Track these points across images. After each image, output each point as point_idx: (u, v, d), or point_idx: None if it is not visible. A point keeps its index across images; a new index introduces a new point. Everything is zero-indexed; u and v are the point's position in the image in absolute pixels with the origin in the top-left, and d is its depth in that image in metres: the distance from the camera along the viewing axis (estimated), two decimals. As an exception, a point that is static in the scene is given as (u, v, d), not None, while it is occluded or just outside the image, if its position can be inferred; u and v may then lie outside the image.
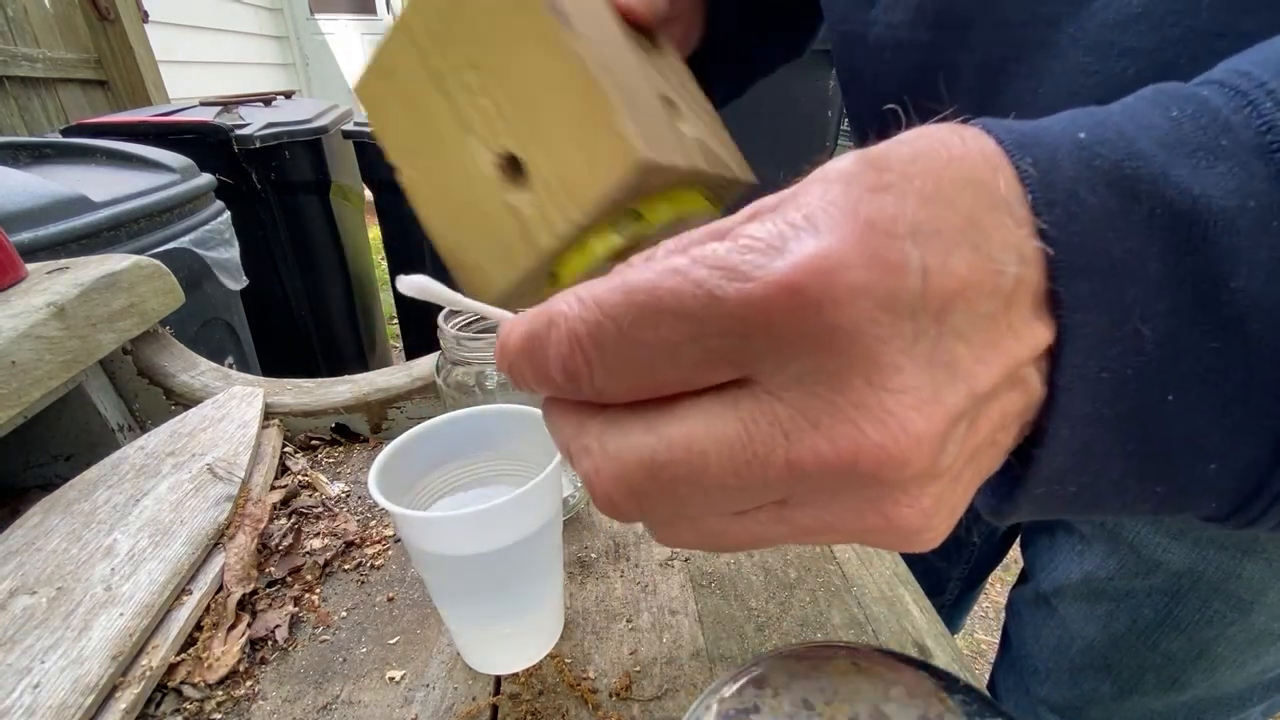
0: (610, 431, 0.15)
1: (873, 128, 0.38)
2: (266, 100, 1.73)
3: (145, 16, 2.32)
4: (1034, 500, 0.16)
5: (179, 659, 0.34)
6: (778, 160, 1.81)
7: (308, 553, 0.42)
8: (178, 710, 0.32)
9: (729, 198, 0.26)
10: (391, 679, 0.34)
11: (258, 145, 1.40)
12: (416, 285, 0.26)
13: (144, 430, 0.53)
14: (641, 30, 0.28)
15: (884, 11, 0.33)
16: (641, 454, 0.14)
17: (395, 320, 2.19)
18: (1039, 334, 0.14)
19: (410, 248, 1.61)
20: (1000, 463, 0.16)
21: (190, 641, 0.35)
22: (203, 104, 1.60)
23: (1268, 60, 0.15)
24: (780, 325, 0.13)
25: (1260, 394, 0.14)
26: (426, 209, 0.26)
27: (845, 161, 0.14)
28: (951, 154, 0.14)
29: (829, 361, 0.13)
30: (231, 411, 0.50)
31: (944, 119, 0.15)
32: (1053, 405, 0.15)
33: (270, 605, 0.38)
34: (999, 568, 0.67)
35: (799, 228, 0.13)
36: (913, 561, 0.42)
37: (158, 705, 0.33)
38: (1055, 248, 0.14)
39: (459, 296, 0.24)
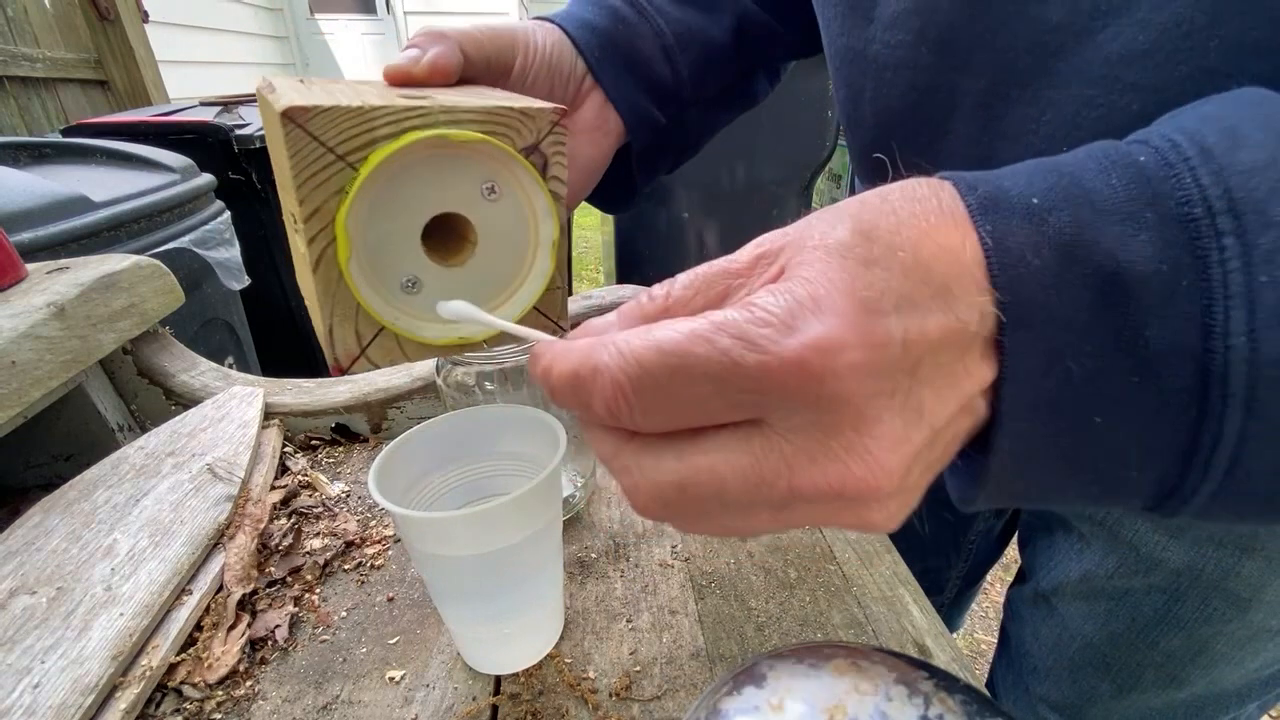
0: (646, 455, 0.19)
1: (867, 145, 0.37)
2: (266, 100, 1.72)
3: (145, 16, 2.32)
4: (989, 495, 0.20)
5: (179, 659, 0.34)
6: (779, 160, 1.81)
7: (308, 553, 0.42)
8: (178, 710, 0.32)
9: (523, 132, 0.28)
10: (391, 679, 0.34)
11: (258, 145, 1.39)
12: (456, 311, 0.28)
13: (144, 430, 0.53)
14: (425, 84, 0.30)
15: (883, 30, 0.33)
16: (672, 477, 0.18)
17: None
18: (986, 372, 0.18)
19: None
20: (946, 463, 0.20)
21: (190, 641, 0.35)
22: (203, 104, 1.60)
23: (1197, 131, 0.17)
24: (790, 389, 0.16)
25: (1169, 422, 0.17)
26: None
27: (841, 232, 0.17)
28: (929, 223, 0.17)
29: (826, 417, 0.16)
30: (231, 411, 0.50)
31: (922, 171, 0.19)
32: (997, 425, 0.18)
33: (270, 605, 0.38)
34: (999, 568, 0.67)
35: (806, 308, 0.16)
36: (911, 561, 0.42)
37: (158, 705, 0.33)
38: (1004, 305, 0.17)
39: (498, 320, 0.26)
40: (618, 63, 0.38)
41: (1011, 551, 0.60)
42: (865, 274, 0.16)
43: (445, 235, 0.29)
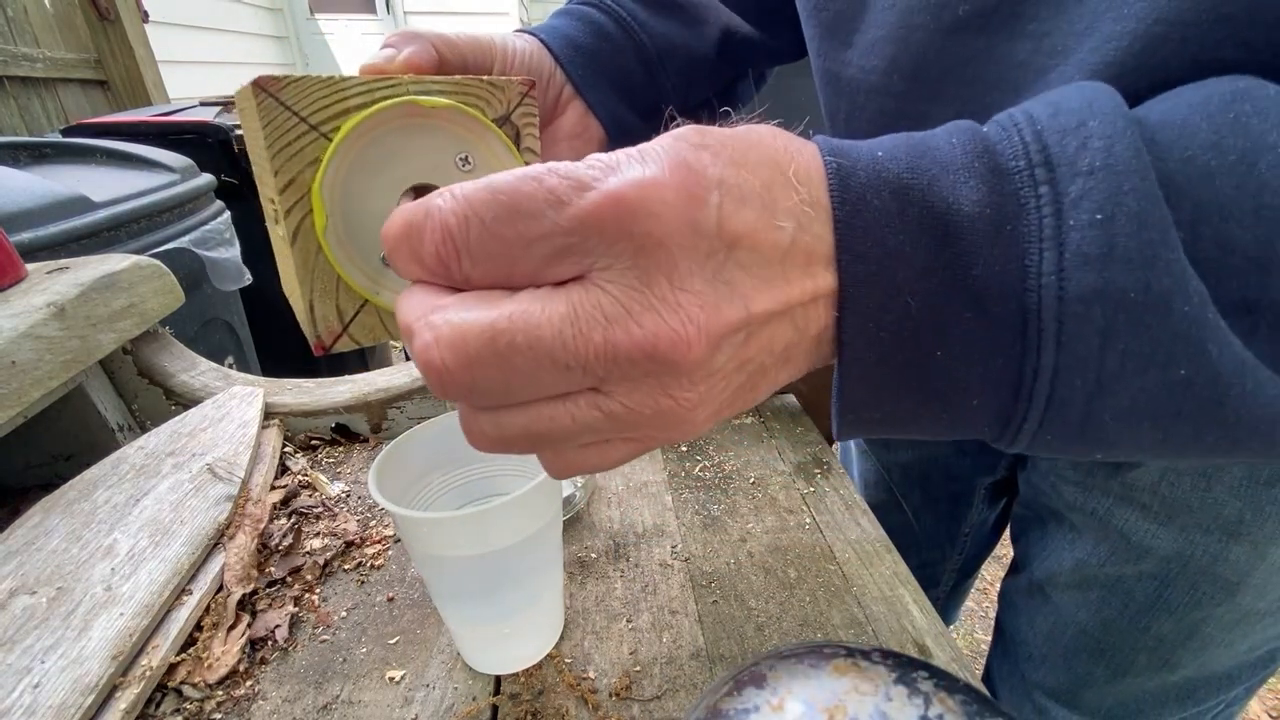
0: (458, 307, 0.17)
1: None
2: (266, 100, 1.72)
3: (145, 16, 2.32)
4: (851, 424, 0.22)
5: (179, 659, 0.34)
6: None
7: (308, 553, 0.42)
8: (178, 710, 0.32)
9: (493, 103, 0.29)
10: (391, 679, 0.34)
11: (258, 145, 1.39)
12: None
13: (144, 430, 0.53)
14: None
15: (858, 56, 0.34)
16: (482, 323, 0.17)
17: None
18: (809, 287, 0.19)
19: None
20: (763, 389, 0.21)
21: (190, 641, 0.35)
22: (203, 104, 1.60)
23: (1029, 106, 0.20)
24: (608, 227, 0.16)
25: (1001, 355, 0.19)
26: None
27: (682, 128, 0.19)
28: (761, 140, 0.19)
29: (642, 260, 0.17)
30: (231, 411, 0.50)
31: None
32: (842, 352, 0.20)
33: (270, 605, 0.38)
34: (996, 566, 0.68)
35: (633, 159, 0.17)
36: (907, 555, 0.43)
37: (158, 705, 0.33)
38: (840, 236, 0.19)
39: None
40: (601, 78, 0.39)
41: (1005, 550, 0.60)
42: (694, 151, 0.18)
43: None
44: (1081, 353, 0.18)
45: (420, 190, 0.28)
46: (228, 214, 1.20)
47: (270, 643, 0.36)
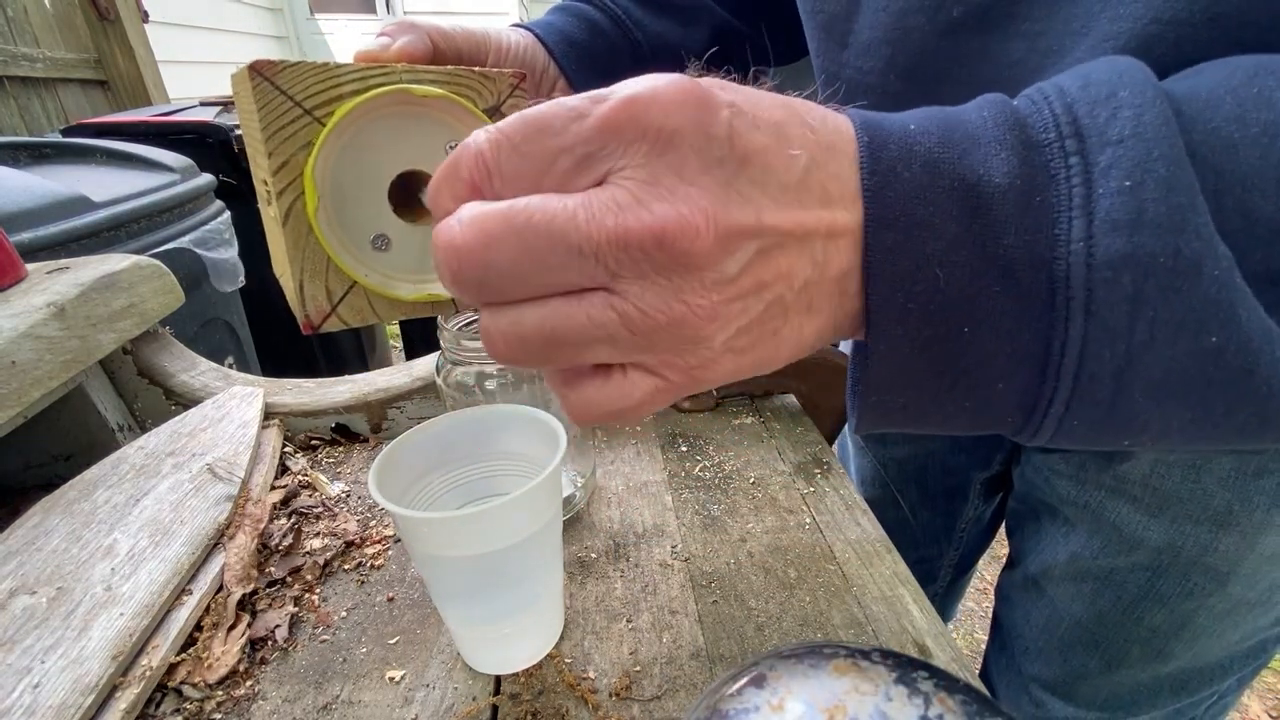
0: (481, 204, 0.18)
1: None
2: (266, 100, 1.72)
3: (145, 16, 2.32)
4: (873, 409, 0.21)
5: (179, 659, 0.34)
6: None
7: (308, 553, 0.42)
8: (178, 710, 0.32)
9: (484, 94, 0.29)
10: (391, 679, 0.34)
11: (258, 145, 1.39)
12: None
13: (144, 430, 0.53)
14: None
15: (856, 57, 0.34)
16: (501, 207, 0.18)
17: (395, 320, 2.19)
18: (826, 219, 0.19)
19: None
20: (787, 340, 0.20)
21: (190, 641, 0.35)
22: (203, 104, 1.60)
23: (1060, 80, 0.20)
24: (624, 127, 0.17)
25: (1029, 330, 0.19)
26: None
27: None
28: (778, 95, 0.19)
29: (655, 159, 0.17)
30: (231, 411, 0.50)
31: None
32: (871, 325, 0.19)
33: (270, 605, 0.38)
34: (996, 566, 0.69)
35: (647, 76, 0.18)
36: (905, 552, 0.43)
37: (158, 705, 0.33)
38: (868, 204, 0.19)
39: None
40: (594, 73, 0.39)
41: (1004, 548, 0.61)
42: (707, 82, 0.18)
43: (413, 195, 0.29)
44: (1110, 321, 0.18)
45: (410, 176, 0.29)
46: (228, 214, 1.20)
47: (270, 643, 0.36)
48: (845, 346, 0.59)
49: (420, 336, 1.81)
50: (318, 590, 0.40)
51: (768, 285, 0.19)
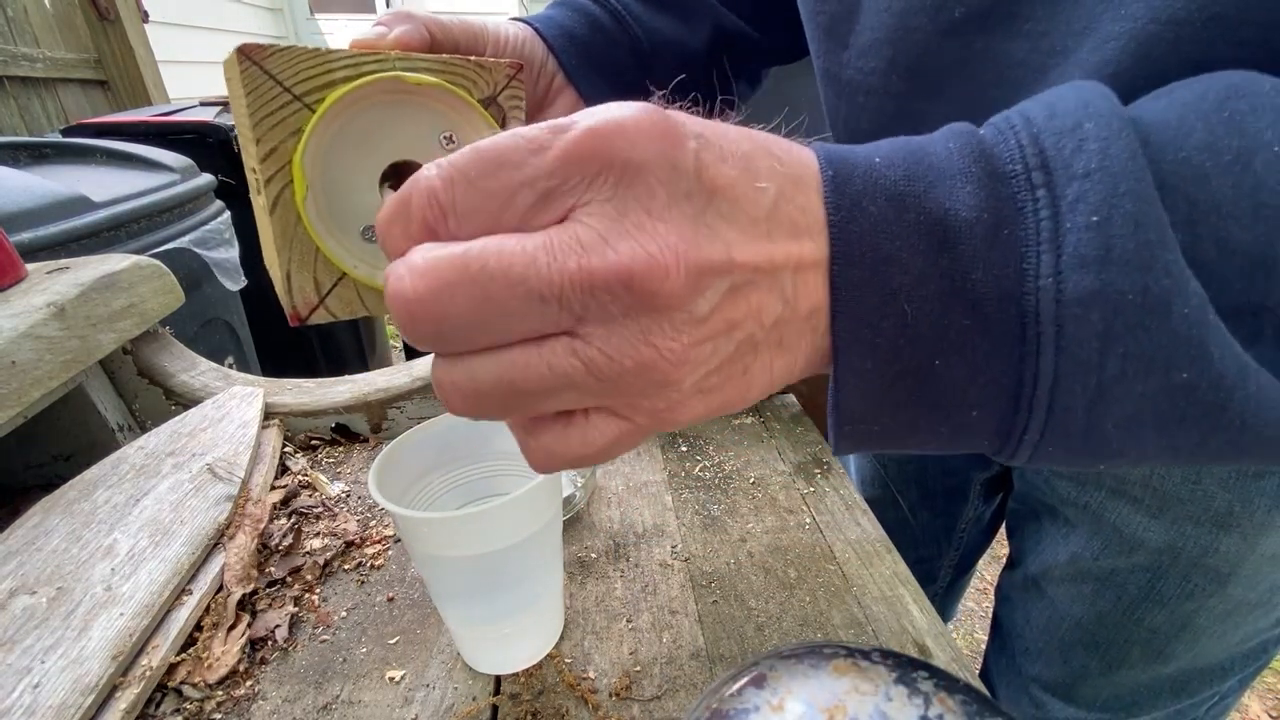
0: (435, 247, 0.17)
1: None
2: (266, 100, 1.72)
3: (145, 16, 2.32)
4: (849, 437, 0.21)
5: (179, 659, 0.34)
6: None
7: (308, 553, 0.42)
8: (178, 710, 0.32)
9: (480, 84, 0.29)
10: (391, 679, 0.34)
11: (258, 145, 1.39)
12: None
13: (144, 430, 0.53)
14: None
15: (856, 57, 0.34)
16: (455, 252, 0.16)
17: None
18: (794, 251, 0.18)
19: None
20: (758, 377, 0.20)
21: (190, 641, 0.35)
22: (203, 104, 1.60)
23: (1025, 108, 0.19)
24: (586, 160, 0.16)
25: (1000, 362, 0.18)
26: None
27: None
28: (743, 128, 0.19)
29: (621, 192, 0.17)
30: (231, 411, 0.50)
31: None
32: (837, 360, 0.19)
33: (270, 605, 0.38)
34: (996, 566, 0.69)
35: (610, 106, 0.17)
36: (904, 552, 0.43)
37: (158, 705, 0.33)
38: (833, 239, 0.18)
39: None
40: (593, 68, 0.39)
41: (1004, 548, 0.61)
42: (673, 112, 0.18)
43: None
44: (1081, 357, 0.18)
45: (402, 166, 0.28)
46: (228, 214, 1.20)
47: (270, 643, 0.36)
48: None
49: (420, 336, 1.81)
50: (318, 590, 0.40)
51: (738, 324, 0.18)
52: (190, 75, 2.96)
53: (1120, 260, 0.17)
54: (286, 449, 0.52)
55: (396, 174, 0.28)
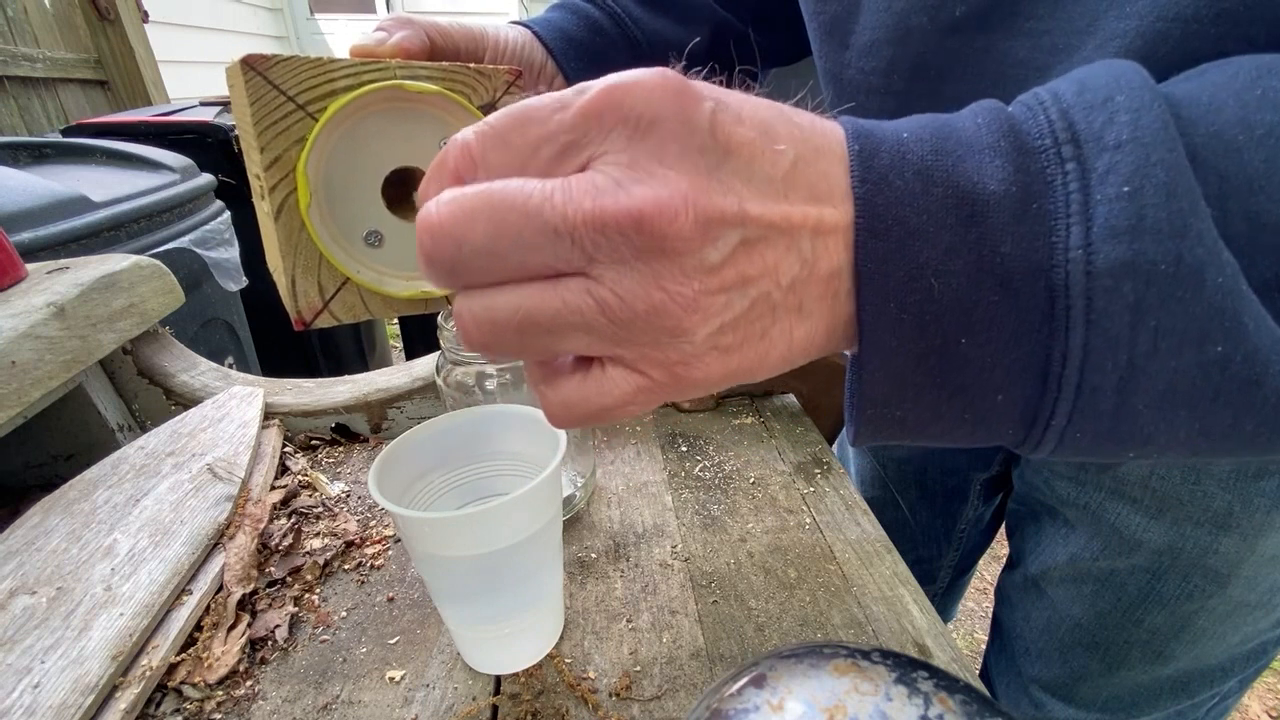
0: (464, 187, 0.18)
1: None
2: (266, 100, 1.72)
3: (145, 16, 2.32)
4: (871, 422, 0.21)
5: (179, 659, 0.34)
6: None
7: (308, 553, 0.42)
8: (178, 710, 0.32)
9: (479, 91, 0.29)
10: (391, 679, 0.34)
11: (258, 145, 1.39)
12: None
13: (144, 430, 0.53)
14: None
15: (858, 57, 0.34)
16: (478, 187, 0.18)
17: (395, 320, 2.19)
18: (813, 214, 0.18)
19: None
20: (777, 340, 0.20)
21: (190, 641, 0.35)
22: (203, 104, 1.60)
23: (1055, 85, 0.19)
24: (605, 114, 0.17)
25: (1028, 339, 0.18)
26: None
27: None
28: (761, 97, 0.19)
29: (636, 144, 0.17)
30: (231, 411, 0.50)
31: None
32: (863, 337, 0.19)
33: (270, 605, 0.38)
34: (997, 566, 0.69)
35: (631, 71, 0.18)
36: (904, 552, 0.43)
37: (158, 705, 0.33)
38: (859, 213, 0.18)
39: None
40: (592, 71, 0.39)
41: (1004, 548, 0.61)
42: (692, 79, 0.18)
43: (407, 191, 0.29)
44: (1112, 331, 0.17)
45: (404, 173, 0.29)
46: (228, 214, 1.20)
47: (270, 643, 0.36)
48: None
49: (420, 336, 1.81)
50: (318, 590, 0.40)
51: (752, 280, 0.18)
52: (190, 75, 2.95)
53: (1153, 229, 0.16)
54: (286, 449, 0.52)
55: (399, 180, 0.29)
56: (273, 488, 0.46)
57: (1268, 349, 0.17)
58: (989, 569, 1.57)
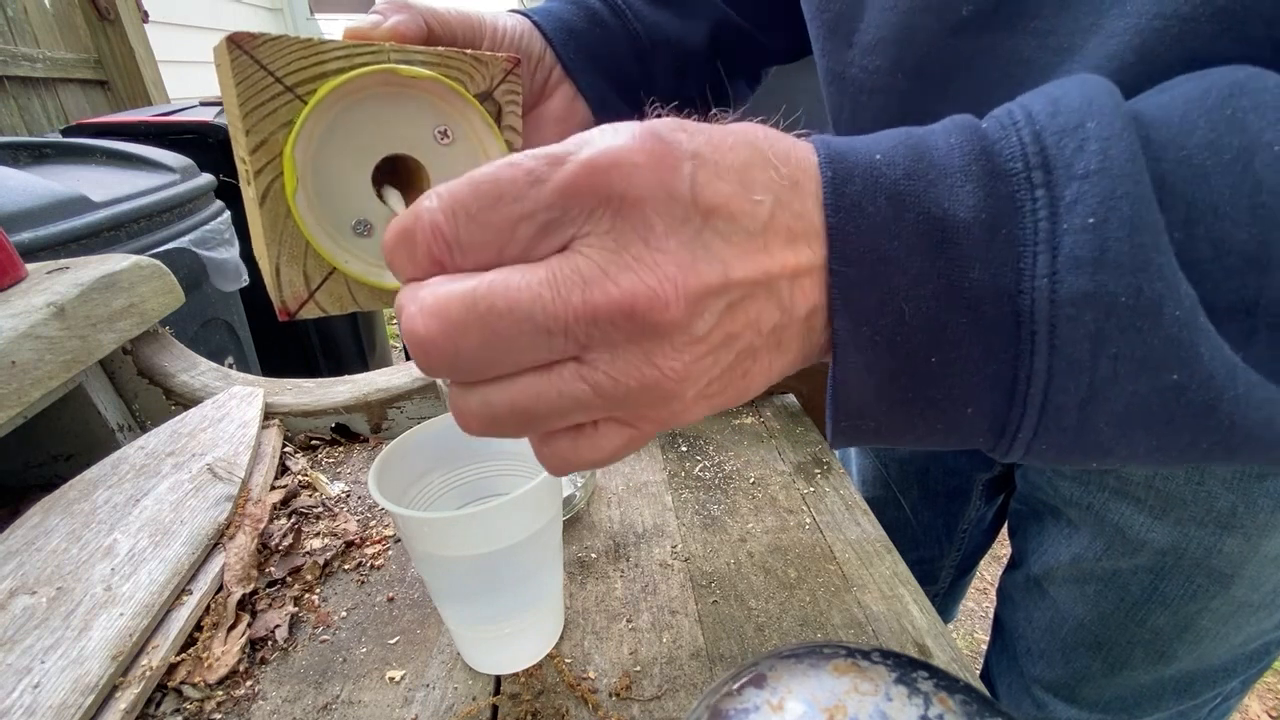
0: (443, 282, 0.18)
1: None
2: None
3: (145, 16, 2.32)
4: (845, 432, 0.22)
5: (179, 659, 0.34)
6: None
7: (308, 553, 0.42)
8: (178, 710, 0.32)
9: (476, 78, 0.28)
10: (391, 679, 0.34)
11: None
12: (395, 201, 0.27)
13: (144, 430, 0.53)
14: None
15: (861, 55, 0.34)
16: (463, 289, 0.17)
17: (395, 320, 2.19)
18: (790, 260, 0.19)
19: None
20: (757, 377, 0.20)
21: (190, 641, 0.35)
22: (203, 104, 1.60)
23: (1029, 101, 0.19)
24: (584, 193, 0.17)
25: (995, 360, 0.19)
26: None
27: (663, 117, 0.19)
28: (742, 128, 0.19)
29: (619, 224, 0.17)
30: (231, 411, 0.50)
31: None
32: (837, 357, 0.20)
33: (270, 605, 0.38)
34: (997, 566, 0.69)
35: (606, 132, 0.18)
36: (905, 552, 0.43)
37: (158, 705, 0.33)
38: (832, 241, 0.19)
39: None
40: (591, 62, 0.39)
41: (1004, 548, 0.61)
42: (668, 130, 0.18)
43: (398, 180, 0.28)
44: (1074, 357, 0.18)
45: (396, 160, 0.28)
46: (228, 214, 1.20)
47: (270, 643, 0.36)
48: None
49: (420, 336, 1.81)
50: (318, 590, 0.40)
51: (737, 336, 0.19)
52: (190, 75, 2.95)
53: (1114, 263, 0.17)
54: (286, 449, 0.52)
55: (390, 168, 0.28)
56: (273, 488, 0.46)
57: (1222, 376, 0.18)
58: (989, 569, 1.57)
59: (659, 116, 0.19)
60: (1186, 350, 0.17)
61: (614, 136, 0.17)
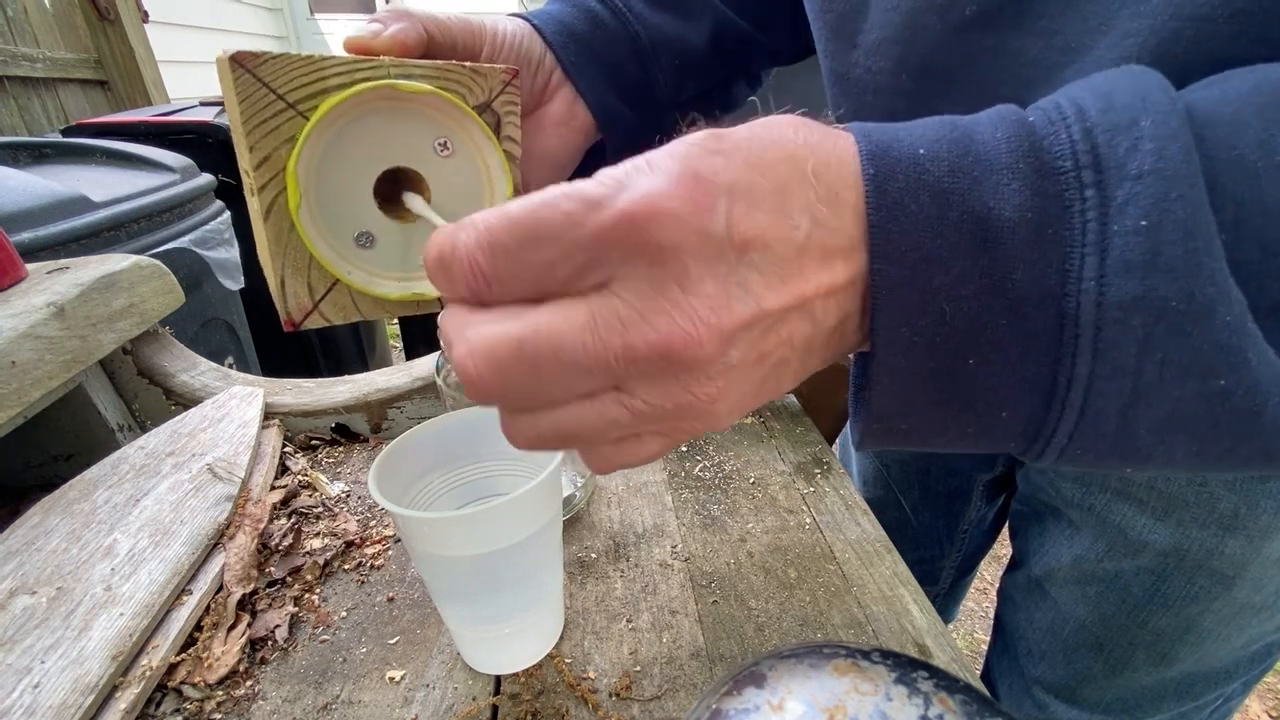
0: (489, 321, 0.18)
1: None
2: (266, 100, 1.72)
3: (145, 16, 2.32)
4: (876, 434, 0.21)
5: (179, 659, 0.34)
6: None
7: (308, 553, 0.42)
8: (178, 710, 0.32)
9: (475, 90, 0.29)
10: (391, 679, 0.34)
11: (258, 145, 1.39)
12: (418, 206, 0.28)
13: (144, 430, 0.53)
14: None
15: (865, 56, 0.34)
16: (510, 334, 0.18)
17: (395, 320, 2.19)
18: (825, 281, 0.19)
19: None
20: (787, 381, 0.21)
21: (190, 641, 0.35)
22: (203, 104, 1.60)
23: (1079, 95, 0.19)
24: (622, 243, 0.17)
25: (1035, 363, 0.18)
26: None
27: (697, 132, 0.19)
28: (782, 137, 0.19)
29: (656, 270, 0.17)
30: (231, 411, 0.50)
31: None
32: (874, 358, 0.19)
33: (270, 605, 0.38)
34: (997, 566, 0.69)
35: (641, 171, 0.17)
36: (905, 552, 0.43)
37: (158, 705, 0.33)
38: (873, 240, 0.18)
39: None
40: (592, 64, 0.38)
41: (1004, 549, 0.61)
42: (705, 158, 0.18)
43: (399, 191, 0.29)
44: (1119, 361, 0.17)
45: (397, 173, 0.28)
46: (228, 214, 1.20)
47: (270, 643, 0.36)
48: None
49: (421, 336, 1.81)
50: (318, 590, 0.40)
51: (770, 354, 0.19)
52: (190, 75, 2.95)
53: (1167, 267, 0.17)
54: (286, 449, 0.52)
55: (391, 180, 0.28)
56: (273, 488, 0.46)
57: (1268, 382, 0.18)
58: (989, 569, 1.57)
59: (693, 128, 0.19)
60: (1235, 356, 0.17)
61: (650, 179, 0.17)
